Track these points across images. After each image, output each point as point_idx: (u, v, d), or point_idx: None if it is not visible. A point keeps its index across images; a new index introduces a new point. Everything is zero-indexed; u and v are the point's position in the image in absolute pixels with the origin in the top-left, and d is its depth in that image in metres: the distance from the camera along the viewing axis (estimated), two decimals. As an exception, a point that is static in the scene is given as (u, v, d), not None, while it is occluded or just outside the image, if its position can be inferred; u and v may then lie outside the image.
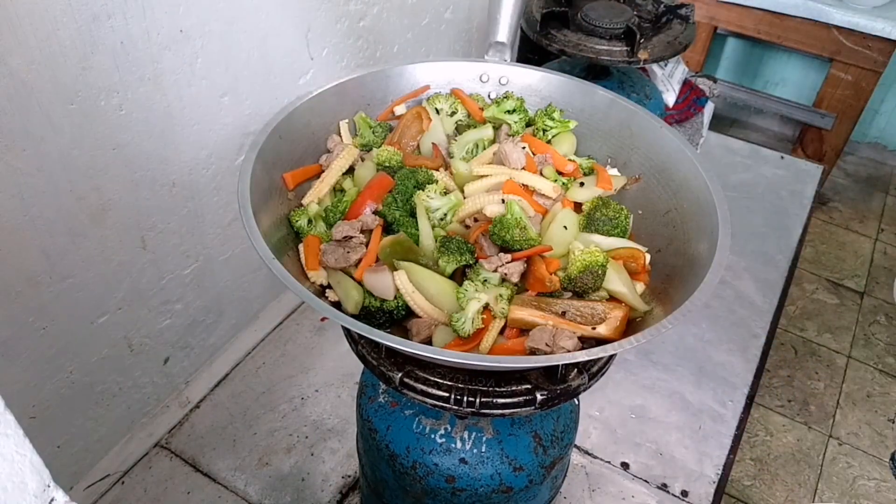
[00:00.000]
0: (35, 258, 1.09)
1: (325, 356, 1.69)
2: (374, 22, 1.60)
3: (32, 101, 0.98)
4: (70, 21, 0.97)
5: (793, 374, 1.88)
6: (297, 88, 1.46)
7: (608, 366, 0.81)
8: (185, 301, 1.44)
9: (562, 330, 0.73)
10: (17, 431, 0.36)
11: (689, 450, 1.56)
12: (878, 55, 2.28)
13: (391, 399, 0.97)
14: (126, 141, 1.14)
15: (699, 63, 2.58)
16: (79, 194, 1.11)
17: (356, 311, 0.77)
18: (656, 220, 0.87)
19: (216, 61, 1.24)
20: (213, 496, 1.41)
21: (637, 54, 1.47)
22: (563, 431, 0.98)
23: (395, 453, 0.94)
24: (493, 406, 0.77)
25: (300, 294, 0.67)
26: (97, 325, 1.26)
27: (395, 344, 0.63)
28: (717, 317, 1.88)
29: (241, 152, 1.41)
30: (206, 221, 1.41)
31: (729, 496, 1.54)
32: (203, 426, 1.53)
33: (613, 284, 0.78)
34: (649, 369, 1.73)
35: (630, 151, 0.93)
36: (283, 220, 0.84)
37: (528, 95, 1.00)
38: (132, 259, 1.27)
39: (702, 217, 0.79)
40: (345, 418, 1.56)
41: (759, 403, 1.77)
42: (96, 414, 1.36)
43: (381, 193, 0.84)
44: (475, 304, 0.74)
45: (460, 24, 1.96)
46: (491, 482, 0.93)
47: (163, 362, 1.48)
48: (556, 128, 0.96)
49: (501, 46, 1.00)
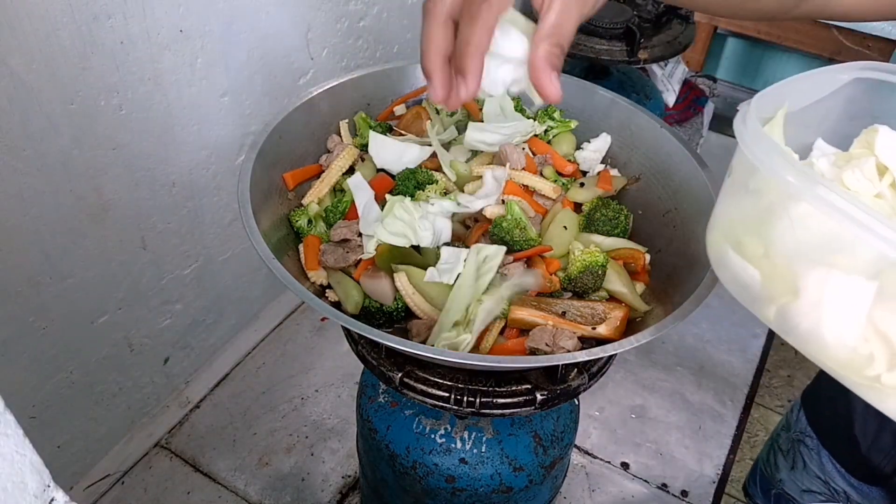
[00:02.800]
0: (35, 258, 1.09)
1: (325, 356, 1.69)
2: (374, 22, 1.60)
3: (32, 101, 0.98)
4: (70, 21, 0.97)
5: (793, 374, 1.88)
6: (297, 88, 1.46)
7: (608, 366, 0.81)
8: (185, 301, 1.44)
9: (562, 330, 0.73)
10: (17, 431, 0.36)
11: (689, 450, 1.56)
12: (878, 55, 2.28)
13: (391, 399, 0.97)
14: (126, 141, 1.14)
15: (699, 63, 2.57)
16: (79, 194, 1.11)
17: (356, 312, 0.77)
18: (656, 220, 0.87)
19: (216, 61, 1.24)
20: (213, 496, 1.41)
21: (637, 54, 1.47)
22: (563, 431, 0.98)
23: (395, 453, 0.94)
24: (493, 406, 0.77)
25: (300, 294, 0.67)
26: (97, 325, 1.26)
27: (395, 344, 0.63)
28: (717, 317, 1.88)
29: (241, 152, 1.41)
30: (206, 221, 1.41)
31: (729, 496, 1.53)
32: (203, 426, 1.53)
33: (613, 284, 0.78)
34: (649, 369, 1.73)
35: (630, 151, 0.93)
36: (283, 220, 0.84)
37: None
38: (132, 259, 1.27)
39: (702, 217, 0.79)
40: (345, 418, 1.56)
41: (759, 403, 1.77)
42: (96, 414, 1.36)
43: (381, 194, 0.84)
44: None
45: (460, 24, 1.96)
46: (491, 482, 0.93)
47: (163, 362, 1.48)
48: (556, 128, 0.96)
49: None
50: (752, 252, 0.52)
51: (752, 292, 0.53)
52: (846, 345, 0.46)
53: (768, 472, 1.02)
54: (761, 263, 0.52)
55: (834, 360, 0.47)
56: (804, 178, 0.45)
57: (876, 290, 0.44)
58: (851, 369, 0.46)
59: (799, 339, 0.50)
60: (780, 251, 0.50)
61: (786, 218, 0.48)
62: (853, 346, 0.45)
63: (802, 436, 0.94)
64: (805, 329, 0.48)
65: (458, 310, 0.72)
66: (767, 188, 0.50)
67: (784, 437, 0.99)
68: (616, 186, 0.90)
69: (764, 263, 0.52)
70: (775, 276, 0.51)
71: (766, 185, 0.51)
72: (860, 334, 0.45)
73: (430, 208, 0.80)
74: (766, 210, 0.51)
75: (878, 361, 0.45)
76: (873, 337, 0.44)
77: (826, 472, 0.91)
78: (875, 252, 0.42)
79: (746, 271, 0.53)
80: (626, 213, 0.86)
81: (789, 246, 0.49)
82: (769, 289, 0.51)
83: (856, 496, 0.88)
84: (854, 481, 0.87)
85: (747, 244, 0.53)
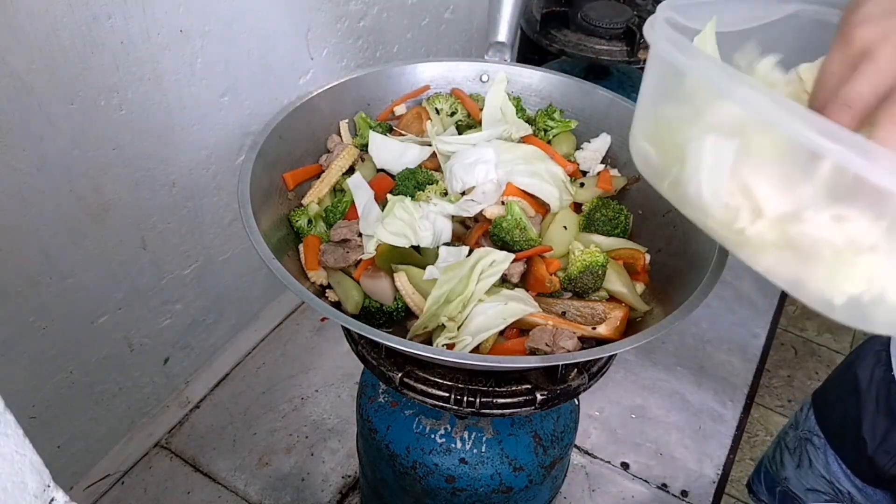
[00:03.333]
0: (35, 258, 1.09)
1: (325, 356, 1.69)
2: (374, 22, 1.60)
3: (32, 101, 0.98)
4: (70, 21, 0.97)
5: (793, 374, 1.88)
6: (297, 88, 1.46)
7: (608, 366, 0.81)
8: (185, 301, 1.44)
9: (562, 330, 0.73)
10: (17, 431, 0.36)
11: (689, 450, 1.56)
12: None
13: (391, 399, 0.97)
14: (126, 141, 1.14)
15: (699, 63, 2.57)
16: (79, 194, 1.11)
17: (356, 312, 0.77)
18: (656, 220, 0.87)
19: (216, 61, 1.24)
20: (213, 496, 1.41)
21: (637, 54, 1.47)
22: (563, 431, 0.98)
23: (395, 453, 0.94)
24: (493, 406, 0.77)
25: (300, 294, 0.67)
26: (97, 325, 1.26)
27: (395, 344, 0.63)
28: (717, 317, 1.88)
29: (241, 152, 1.41)
30: (206, 221, 1.41)
31: (729, 496, 1.53)
32: (203, 426, 1.53)
33: (613, 284, 0.78)
34: (649, 369, 1.73)
35: (630, 151, 0.93)
36: (283, 220, 0.84)
37: (528, 95, 0.99)
38: (132, 259, 1.27)
39: (702, 217, 0.79)
40: (345, 418, 1.56)
41: (759, 403, 1.77)
42: (96, 414, 1.36)
43: (381, 194, 0.84)
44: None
45: (460, 24, 1.96)
46: (491, 482, 0.93)
47: (163, 362, 1.48)
48: (557, 128, 0.96)
49: (501, 46, 1.00)
50: (650, 133, 0.60)
51: (652, 168, 0.60)
52: (719, 201, 0.50)
53: (773, 470, 1.02)
54: (655, 142, 0.59)
55: (714, 219, 0.52)
56: (691, 52, 0.50)
57: (736, 147, 0.49)
58: (727, 227, 0.51)
59: (688, 206, 0.55)
60: (668, 126, 0.57)
61: (674, 99, 0.55)
62: (724, 202, 0.50)
63: (810, 434, 0.94)
64: (691, 194, 0.53)
65: (447, 293, 0.72)
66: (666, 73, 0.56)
67: (792, 436, 0.99)
68: (616, 186, 0.90)
69: (657, 141, 0.59)
70: (665, 150, 0.57)
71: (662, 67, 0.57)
72: (728, 189, 0.50)
73: (431, 208, 0.80)
74: (662, 94, 0.57)
75: (743, 214, 0.49)
76: (737, 192, 0.49)
77: (831, 472, 0.91)
78: (734, 112, 0.48)
79: (647, 150, 0.60)
80: (626, 213, 0.86)
81: (674, 119, 0.55)
82: (663, 162, 0.58)
83: (860, 498, 0.88)
84: (859, 483, 0.88)
85: (646, 128, 0.60)
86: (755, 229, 0.49)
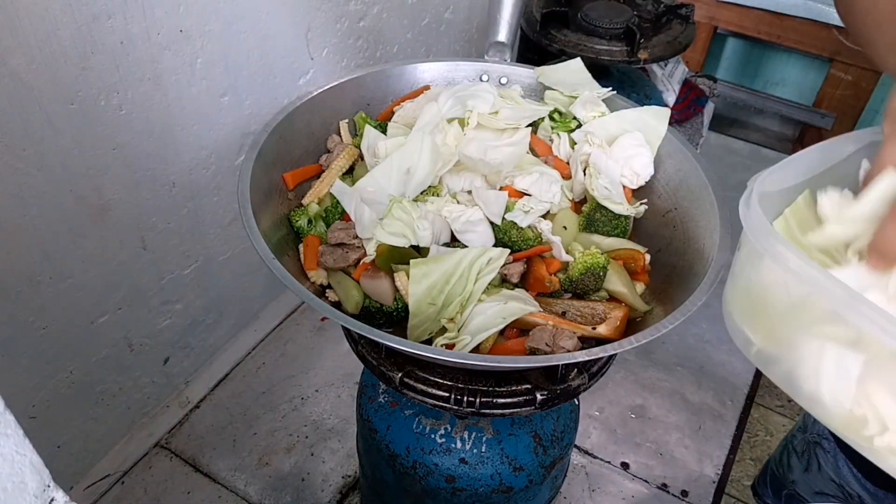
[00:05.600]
0: (35, 258, 1.09)
1: (325, 356, 1.69)
2: (374, 22, 1.60)
3: (32, 101, 0.98)
4: (70, 21, 0.97)
5: (793, 374, 1.88)
6: (297, 88, 1.46)
7: (608, 366, 0.81)
8: (185, 301, 1.44)
9: (562, 330, 0.73)
10: (17, 431, 0.36)
11: (689, 450, 1.56)
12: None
13: (391, 399, 0.97)
14: (126, 141, 1.14)
15: (699, 63, 2.57)
16: (79, 194, 1.11)
17: (356, 311, 0.77)
18: (656, 220, 0.87)
19: (216, 61, 1.24)
20: (213, 496, 1.41)
21: (637, 54, 1.47)
22: (563, 431, 0.98)
23: (395, 453, 0.94)
24: (493, 406, 0.77)
25: (300, 294, 0.67)
26: (97, 325, 1.26)
27: (395, 344, 0.63)
28: (717, 317, 1.86)
29: (241, 152, 1.41)
30: (206, 221, 1.41)
31: (729, 496, 1.53)
32: (203, 426, 1.53)
33: (613, 285, 0.78)
34: (649, 369, 1.73)
35: (630, 151, 0.93)
36: (283, 220, 0.84)
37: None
38: (132, 259, 1.27)
39: (702, 217, 0.79)
40: (345, 418, 1.56)
41: (759, 403, 1.77)
42: (96, 414, 1.36)
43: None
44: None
45: (460, 24, 1.96)
46: (491, 482, 0.93)
47: (163, 362, 1.48)
48: (557, 128, 0.96)
49: (501, 46, 1.00)
50: (747, 314, 0.58)
51: (758, 355, 0.57)
52: (843, 407, 0.49)
53: (780, 473, 1.02)
54: (757, 328, 0.57)
55: (836, 421, 0.51)
56: (800, 264, 0.48)
57: (863, 361, 0.47)
58: (852, 430, 0.49)
59: (803, 400, 0.53)
60: (771, 315, 0.55)
61: (784, 294, 0.52)
62: (849, 409, 0.49)
63: (819, 438, 0.93)
64: (807, 392, 0.51)
65: (431, 291, 0.72)
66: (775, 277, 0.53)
67: (800, 439, 0.98)
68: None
69: (759, 328, 0.56)
70: (772, 339, 0.55)
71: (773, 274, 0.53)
72: (853, 398, 0.48)
73: (430, 208, 0.80)
74: (766, 287, 0.54)
75: (871, 424, 0.48)
76: (865, 402, 0.48)
77: (841, 475, 0.90)
78: (860, 328, 0.46)
79: (747, 336, 0.57)
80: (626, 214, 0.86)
81: (780, 310, 0.53)
82: (771, 351, 0.55)
83: (870, 501, 0.88)
84: (870, 486, 0.87)
85: (744, 311, 0.58)
86: (884, 441, 0.47)
